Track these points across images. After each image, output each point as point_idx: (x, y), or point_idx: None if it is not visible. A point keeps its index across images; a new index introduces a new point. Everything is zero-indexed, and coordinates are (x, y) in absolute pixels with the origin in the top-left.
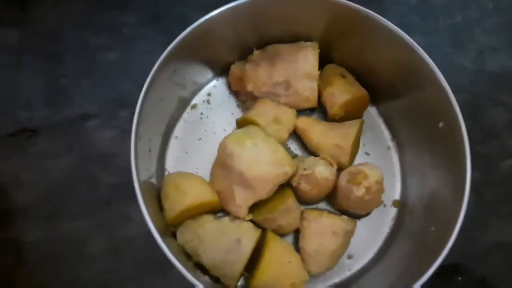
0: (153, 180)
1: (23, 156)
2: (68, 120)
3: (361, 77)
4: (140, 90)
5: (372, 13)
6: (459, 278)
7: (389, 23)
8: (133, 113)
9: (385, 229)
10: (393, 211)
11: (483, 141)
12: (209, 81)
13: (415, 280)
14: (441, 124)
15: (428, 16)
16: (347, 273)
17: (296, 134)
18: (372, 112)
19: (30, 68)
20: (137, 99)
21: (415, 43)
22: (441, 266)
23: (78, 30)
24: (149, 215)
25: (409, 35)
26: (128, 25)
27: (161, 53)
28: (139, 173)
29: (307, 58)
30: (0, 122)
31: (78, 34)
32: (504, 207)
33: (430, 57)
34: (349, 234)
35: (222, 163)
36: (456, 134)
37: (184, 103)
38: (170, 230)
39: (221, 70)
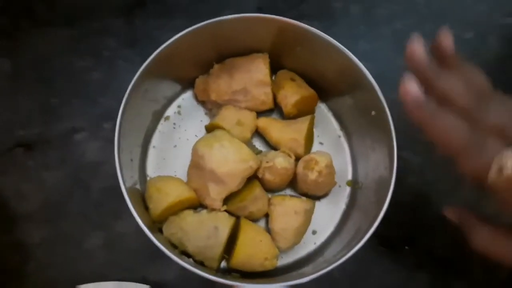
0: (137, 186)
1: (21, 169)
2: (59, 134)
3: (310, 79)
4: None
5: (310, 28)
6: (406, 247)
7: (325, 35)
8: (115, 125)
9: (342, 206)
10: (347, 190)
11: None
12: (178, 94)
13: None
14: (373, 113)
15: (372, 25)
16: (313, 247)
17: (258, 133)
18: (323, 107)
19: (24, 91)
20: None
21: (348, 52)
22: (391, 238)
23: (64, 55)
24: (138, 214)
25: (356, 43)
26: (109, 48)
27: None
28: (125, 180)
29: (259, 68)
30: None
31: (64, 58)
32: (443, 186)
33: (374, 60)
34: (309, 212)
35: (196, 165)
36: (385, 121)
37: (158, 116)
38: (156, 226)
39: (188, 84)
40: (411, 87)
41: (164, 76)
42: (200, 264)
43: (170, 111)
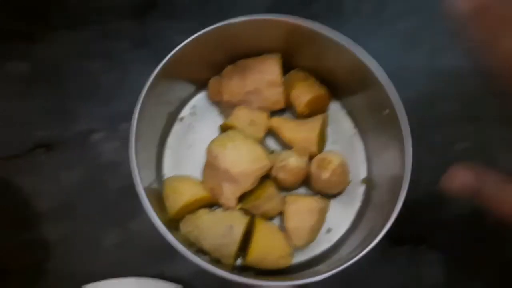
0: (155, 185)
1: (41, 169)
2: (77, 135)
3: (323, 78)
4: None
5: (321, 28)
6: (422, 246)
7: (337, 34)
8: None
9: (357, 204)
10: (362, 188)
11: (436, 130)
12: (192, 95)
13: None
14: (386, 111)
15: (384, 23)
16: (328, 245)
17: (271, 133)
18: (336, 106)
19: (41, 94)
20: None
21: (361, 48)
22: (405, 236)
23: (79, 58)
24: (153, 213)
25: (367, 41)
26: (122, 50)
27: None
28: (141, 179)
29: (271, 69)
30: (20, 141)
31: (79, 61)
32: None
33: (385, 59)
34: (323, 210)
35: (210, 165)
36: (398, 120)
37: (173, 117)
38: (174, 224)
39: (201, 85)
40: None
41: (178, 78)
42: (217, 261)
43: (185, 112)
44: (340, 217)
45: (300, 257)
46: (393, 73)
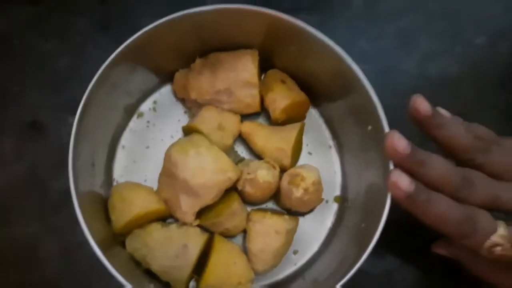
0: (101, 191)
1: None
2: (18, 126)
3: (302, 81)
4: None
5: (304, 24)
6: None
7: (319, 33)
8: None
9: (328, 224)
10: (334, 207)
11: (425, 142)
12: (155, 88)
13: (347, 273)
14: (369, 127)
15: (375, 22)
16: (293, 268)
17: (241, 138)
18: (314, 113)
19: None
20: None
21: (343, 53)
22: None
23: (27, 35)
24: (88, 228)
25: (355, 41)
26: (79, 31)
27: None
28: (80, 186)
29: (246, 66)
30: None
31: (27, 39)
32: None
33: (375, 62)
34: (291, 232)
35: (168, 172)
36: (382, 138)
37: (130, 112)
38: (118, 239)
39: (167, 77)
40: (401, 181)
41: (140, 66)
42: (166, 285)
43: (145, 107)
44: (309, 237)
45: (261, 281)
46: (382, 78)
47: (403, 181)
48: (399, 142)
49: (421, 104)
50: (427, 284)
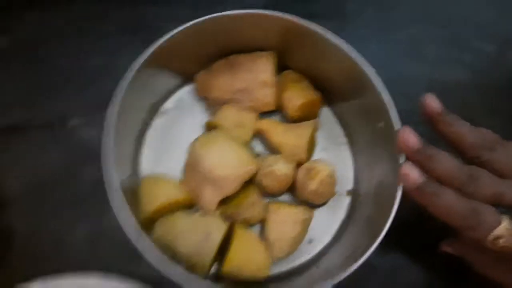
0: (130, 181)
1: (12, 152)
2: (54, 119)
3: (316, 81)
4: None
5: (318, 28)
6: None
7: (334, 35)
8: None
9: (341, 216)
10: (347, 200)
11: (433, 144)
12: (178, 87)
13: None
14: (380, 124)
15: (386, 29)
16: (308, 256)
17: (259, 135)
18: (328, 112)
19: (18, 71)
20: None
21: (358, 54)
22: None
23: (63, 38)
24: (121, 214)
25: (367, 46)
26: (109, 33)
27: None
28: (115, 175)
29: (264, 68)
30: None
31: (62, 42)
32: None
33: (385, 66)
34: (306, 222)
35: (192, 165)
36: (393, 135)
37: (155, 109)
38: (149, 224)
39: (189, 78)
40: (412, 173)
41: (165, 68)
42: (190, 269)
43: (169, 105)
44: (323, 228)
45: (278, 268)
46: (392, 81)
47: (413, 173)
48: (410, 137)
49: (433, 101)
50: (432, 282)
